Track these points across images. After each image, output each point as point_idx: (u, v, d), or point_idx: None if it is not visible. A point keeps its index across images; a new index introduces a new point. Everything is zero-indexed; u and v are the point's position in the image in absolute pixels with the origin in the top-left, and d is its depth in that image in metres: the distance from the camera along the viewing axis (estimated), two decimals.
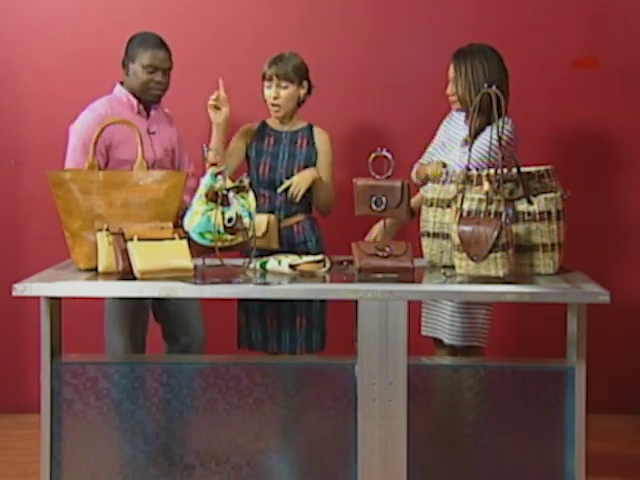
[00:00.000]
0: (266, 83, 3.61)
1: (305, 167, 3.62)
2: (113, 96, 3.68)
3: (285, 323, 3.62)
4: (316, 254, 3.23)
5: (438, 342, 3.57)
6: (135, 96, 3.65)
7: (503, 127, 3.22)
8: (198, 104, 4.20)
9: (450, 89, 3.49)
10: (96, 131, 3.22)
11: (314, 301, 3.59)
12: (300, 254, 3.26)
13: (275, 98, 3.59)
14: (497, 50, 3.46)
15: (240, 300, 3.65)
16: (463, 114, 3.55)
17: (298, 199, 3.56)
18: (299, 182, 3.55)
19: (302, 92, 3.65)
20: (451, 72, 3.48)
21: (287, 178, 3.58)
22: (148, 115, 3.69)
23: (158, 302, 3.69)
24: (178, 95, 3.95)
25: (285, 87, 3.59)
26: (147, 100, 3.65)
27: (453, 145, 3.52)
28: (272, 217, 3.49)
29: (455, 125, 3.56)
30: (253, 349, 3.66)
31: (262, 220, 3.45)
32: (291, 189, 3.55)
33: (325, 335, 3.68)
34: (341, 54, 4.37)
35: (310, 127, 3.70)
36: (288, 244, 3.57)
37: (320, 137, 3.68)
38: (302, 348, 3.62)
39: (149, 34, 3.65)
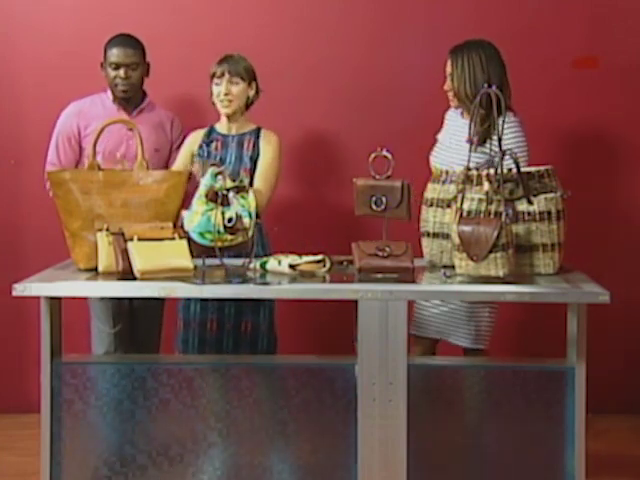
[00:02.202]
0: (215, 81, 3.56)
1: (251, 169, 3.54)
2: (100, 95, 3.87)
3: (228, 327, 3.54)
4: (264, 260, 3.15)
5: (417, 338, 3.54)
6: (117, 96, 3.82)
7: (503, 128, 3.22)
8: (195, 103, 4.22)
9: (447, 84, 3.49)
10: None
11: (262, 307, 3.53)
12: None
13: (226, 94, 3.54)
14: (494, 44, 3.46)
15: (179, 305, 3.61)
16: (458, 114, 3.54)
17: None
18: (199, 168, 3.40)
19: (251, 93, 3.60)
20: (448, 67, 3.48)
21: (233, 181, 3.30)
22: (129, 113, 3.82)
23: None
24: (176, 95, 3.96)
25: (236, 83, 3.55)
26: (119, 97, 3.80)
27: (449, 146, 3.51)
28: None
29: (453, 126, 3.56)
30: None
31: None
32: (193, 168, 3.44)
33: (274, 341, 3.61)
34: (340, 54, 4.37)
35: (258, 130, 3.63)
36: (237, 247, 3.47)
37: (265, 137, 3.60)
38: (246, 354, 3.55)
39: (117, 35, 3.82)
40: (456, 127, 3.52)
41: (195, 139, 3.65)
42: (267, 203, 3.54)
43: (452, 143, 3.49)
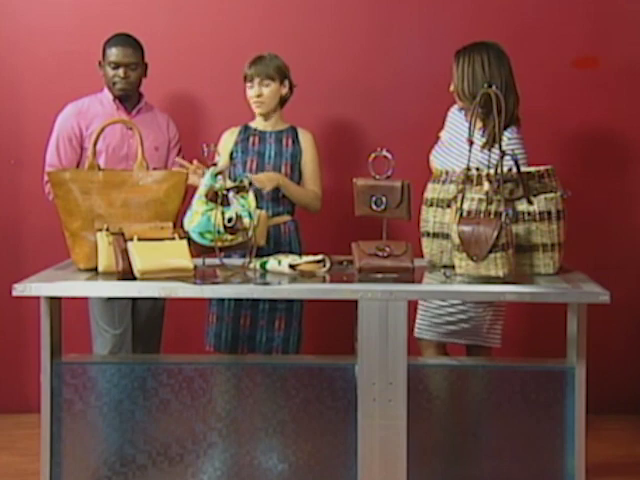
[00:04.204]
0: (248, 84, 3.69)
1: (292, 165, 3.70)
2: (98, 95, 3.87)
3: (262, 323, 3.64)
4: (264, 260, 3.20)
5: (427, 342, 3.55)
6: (114, 94, 3.82)
7: (503, 128, 3.22)
8: (193, 103, 4.23)
9: (451, 86, 3.49)
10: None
11: (294, 303, 3.63)
12: (283, 253, 3.29)
13: (258, 96, 3.67)
14: (501, 46, 3.44)
15: (211, 300, 3.67)
16: (462, 114, 3.54)
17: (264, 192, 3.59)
18: (264, 180, 3.55)
19: (284, 91, 3.73)
20: (453, 68, 3.47)
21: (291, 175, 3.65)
22: (129, 113, 3.83)
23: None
24: (174, 94, 3.96)
25: (267, 85, 3.67)
26: (118, 96, 3.82)
27: (449, 148, 3.51)
28: (263, 213, 3.42)
29: (456, 128, 3.55)
30: (219, 350, 3.66)
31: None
32: (256, 184, 3.50)
33: (302, 338, 3.72)
34: (341, 54, 4.37)
35: (294, 128, 3.78)
36: (274, 243, 3.59)
37: (304, 136, 3.77)
38: (278, 350, 3.65)
39: (117, 34, 3.83)
40: (459, 129, 3.52)
41: (230, 138, 3.73)
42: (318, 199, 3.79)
43: (452, 145, 3.49)
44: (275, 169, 3.67)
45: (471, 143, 3.07)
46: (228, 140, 3.74)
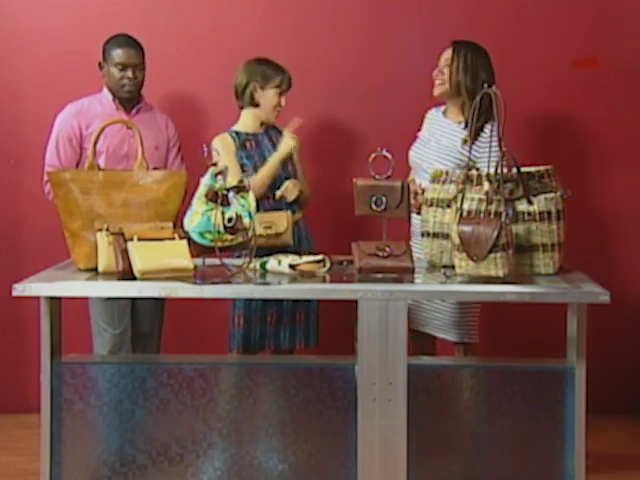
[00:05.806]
0: (276, 90, 3.71)
1: (292, 163, 3.76)
2: (97, 95, 3.86)
3: (286, 320, 3.69)
4: (314, 252, 3.26)
5: (417, 334, 3.58)
6: (115, 95, 3.82)
7: (504, 129, 3.22)
8: (193, 103, 4.23)
9: (441, 71, 3.51)
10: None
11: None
12: (303, 251, 3.32)
13: (282, 106, 3.73)
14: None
15: (236, 302, 3.67)
16: (439, 113, 3.57)
17: (290, 199, 3.67)
18: (292, 189, 3.66)
19: None
20: (447, 55, 3.49)
21: (285, 171, 3.69)
22: (128, 112, 3.83)
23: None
24: (173, 95, 3.96)
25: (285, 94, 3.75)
26: (123, 97, 3.81)
27: (427, 143, 3.54)
28: (289, 214, 3.51)
29: (434, 125, 3.58)
30: (248, 351, 3.67)
31: (282, 217, 3.47)
32: (286, 192, 3.66)
33: (319, 330, 3.77)
34: (340, 54, 4.37)
35: (275, 127, 3.81)
36: (297, 241, 3.66)
37: (290, 134, 3.78)
38: (301, 343, 3.72)
39: (119, 35, 3.82)
40: (437, 126, 3.56)
41: (231, 143, 3.72)
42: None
43: (431, 141, 3.54)
44: (285, 169, 3.71)
45: (465, 142, 3.08)
46: (231, 145, 3.70)
